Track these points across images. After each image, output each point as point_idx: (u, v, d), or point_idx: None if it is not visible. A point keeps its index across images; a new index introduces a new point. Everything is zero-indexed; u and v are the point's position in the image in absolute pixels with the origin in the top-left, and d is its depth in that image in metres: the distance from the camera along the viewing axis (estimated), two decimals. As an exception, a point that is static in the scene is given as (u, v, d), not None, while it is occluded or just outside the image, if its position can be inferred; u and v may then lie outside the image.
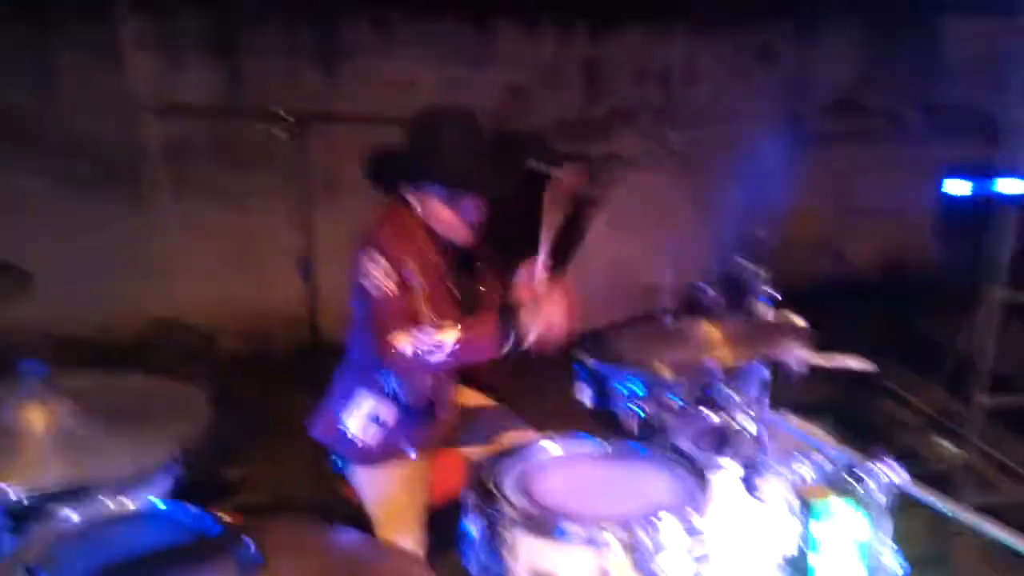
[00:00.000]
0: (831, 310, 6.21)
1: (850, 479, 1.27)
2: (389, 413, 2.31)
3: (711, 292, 1.73)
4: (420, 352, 2.09)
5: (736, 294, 2.40)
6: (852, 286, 7.00)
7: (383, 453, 2.31)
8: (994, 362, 3.49)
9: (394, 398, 2.30)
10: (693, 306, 1.73)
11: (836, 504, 1.29)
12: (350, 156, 2.46)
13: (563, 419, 2.96)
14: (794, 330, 2.06)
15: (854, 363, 2.23)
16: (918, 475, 3.76)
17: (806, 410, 2.35)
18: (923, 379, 4.25)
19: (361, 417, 2.31)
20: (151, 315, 5.21)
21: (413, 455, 2.32)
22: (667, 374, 1.89)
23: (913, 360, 4.80)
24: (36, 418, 1.29)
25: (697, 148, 6.42)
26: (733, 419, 1.69)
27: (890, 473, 1.27)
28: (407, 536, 2.18)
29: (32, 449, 1.25)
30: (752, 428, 1.67)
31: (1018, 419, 3.90)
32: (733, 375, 1.73)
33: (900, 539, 1.44)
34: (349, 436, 2.33)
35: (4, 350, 4.49)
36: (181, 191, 5.17)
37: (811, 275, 6.84)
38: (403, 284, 2.19)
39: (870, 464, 1.30)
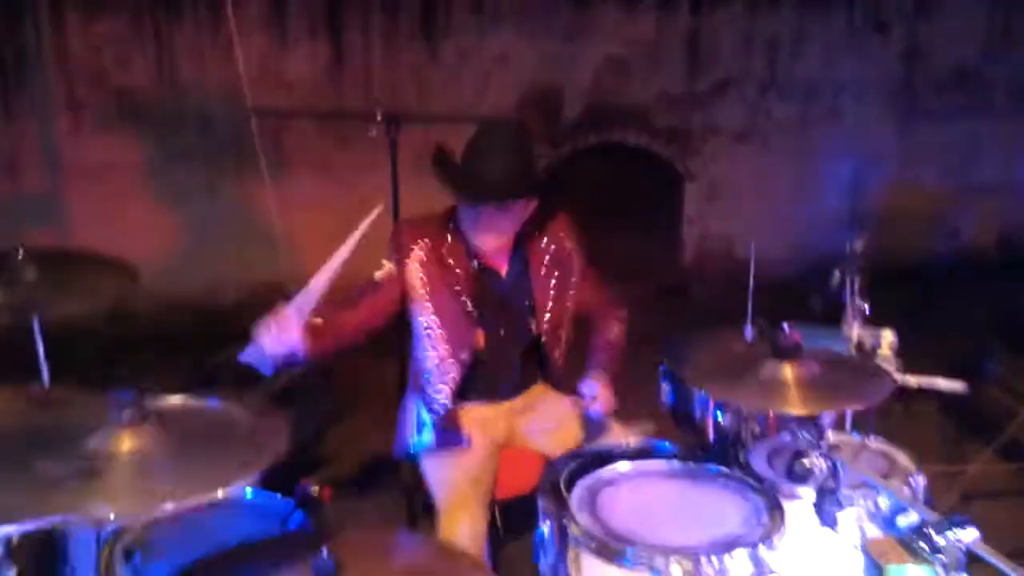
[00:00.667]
0: (941, 288, 6.05)
1: (922, 541, 1.23)
2: (433, 414, 2.42)
3: (794, 333, 1.68)
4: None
5: (832, 308, 2.36)
6: (964, 264, 6.71)
7: (441, 444, 2.41)
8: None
9: (434, 396, 2.41)
10: (776, 348, 1.70)
11: (911, 571, 1.25)
12: (443, 136, 2.51)
13: (644, 418, 2.96)
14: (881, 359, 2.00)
15: (945, 384, 2.15)
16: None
17: (909, 397, 2.29)
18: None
19: (415, 424, 2.44)
20: (254, 281, 5.42)
21: (466, 444, 2.39)
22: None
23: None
24: (126, 444, 1.38)
25: (803, 121, 6.23)
26: (808, 449, 1.66)
27: (963, 534, 1.23)
28: (467, 523, 2.24)
29: (122, 473, 1.35)
30: (825, 462, 1.64)
31: None
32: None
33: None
34: (408, 436, 2.47)
35: (119, 312, 4.80)
36: (285, 164, 5.35)
37: (922, 251, 6.60)
38: (397, 277, 2.30)
39: (944, 523, 1.26)
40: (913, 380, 2.14)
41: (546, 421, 2.50)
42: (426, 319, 2.33)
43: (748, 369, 1.75)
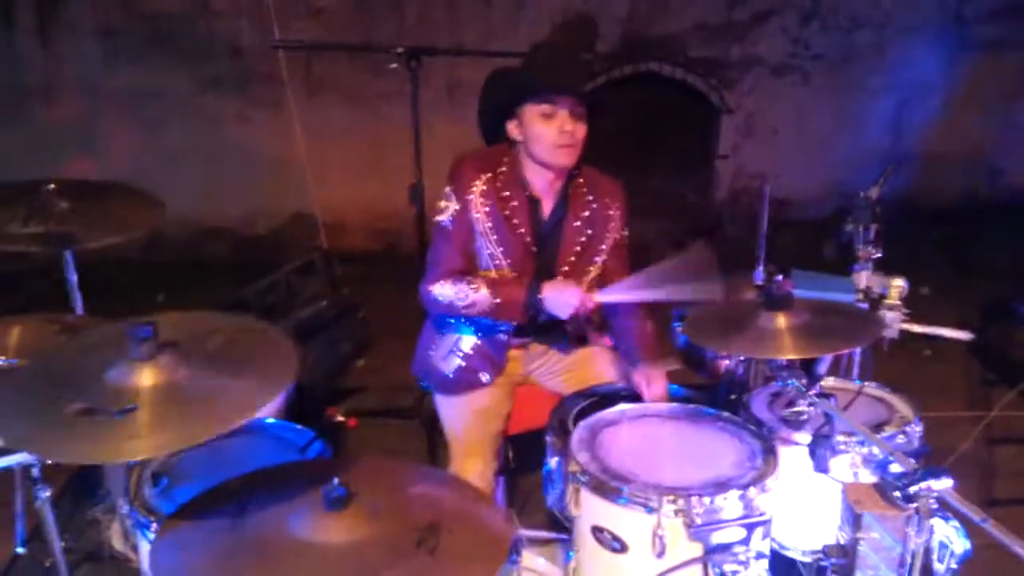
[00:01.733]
0: (981, 229, 5.94)
1: (896, 489, 1.28)
2: (467, 342, 2.45)
3: (786, 284, 1.71)
4: (454, 304, 2.31)
5: (846, 252, 2.36)
6: (1007, 205, 6.57)
7: (460, 382, 2.46)
8: None
9: (473, 326, 2.43)
10: (770, 299, 1.72)
11: (884, 518, 1.31)
12: (473, 69, 2.49)
13: (669, 356, 2.97)
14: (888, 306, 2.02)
15: (950, 332, 2.16)
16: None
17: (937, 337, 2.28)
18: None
19: (444, 349, 2.47)
20: (287, 210, 5.51)
21: (486, 379, 2.44)
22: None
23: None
24: (148, 377, 1.45)
25: (846, 54, 6.07)
26: (804, 396, 1.70)
27: (935, 484, 1.27)
28: (477, 462, 2.32)
29: (148, 407, 1.42)
30: (814, 409, 1.68)
31: None
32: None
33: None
34: (433, 367, 2.49)
35: (154, 241, 4.91)
36: (317, 93, 5.36)
37: (963, 192, 6.47)
38: (462, 213, 2.32)
39: (918, 473, 1.30)
40: (918, 328, 2.15)
41: (560, 365, 2.55)
42: (492, 250, 2.35)
43: (744, 319, 1.78)
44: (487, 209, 2.32)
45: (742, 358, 2.24)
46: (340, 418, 2.84)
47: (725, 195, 6.22)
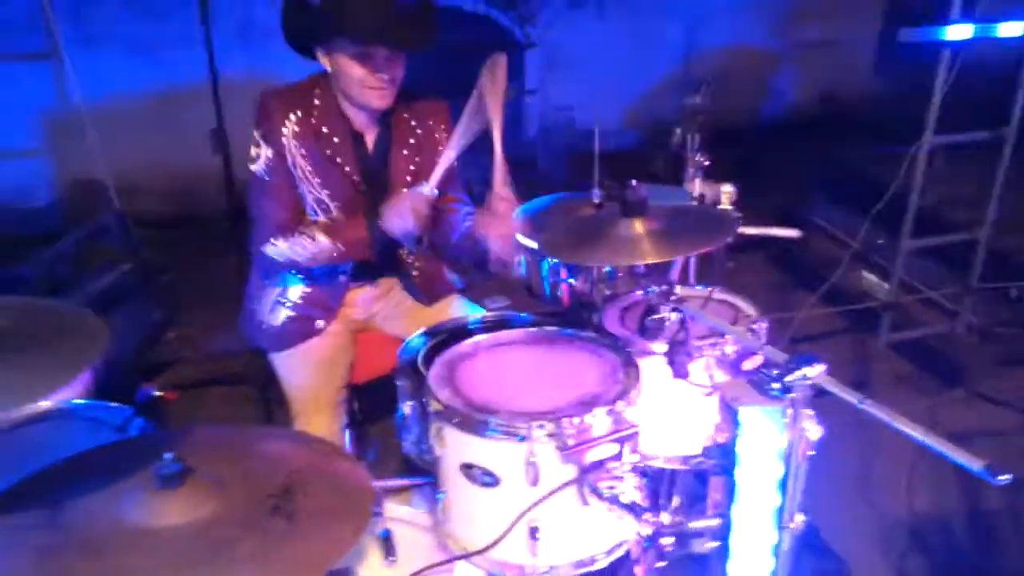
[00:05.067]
0: (768, 145, 6.29)
1: (773, 382, 1.28)
2: (295, 291, 2.29)
3: (639, 189, 1.67)
4: (293, 260, 2.15)
5: (674, 164, 2.38)
6: (790, 121, 7.02)
7: (292, 333, 2.30)
8: (920, 199, 3.63)
9: (301, 274, 2.28)
10: (623, 204, 1.68)
11: (764, 411, 1.30)
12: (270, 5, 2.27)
13: (499, 289, 2.93)
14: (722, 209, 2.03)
15: (780, 231, 2.23)
16: (845, 312, 3.90)
17: (739, 248, 2.36)
18: (854, 215, 4.32)
19: (269, 302, 2.30)
20: (68, 177, 5.01)
21: (320, 325, 2.30)
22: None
23: (844, 196, 4.89)
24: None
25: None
26: (659, 304, 1.68)
27: (809, 371, 1.27)
28: (323, 417, 2.20)
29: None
30: (675, 313, 1.67)
31: (941, 255, 4.06)
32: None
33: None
34: (261, 323, 2.32)
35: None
36: (90, 41, 4.85)
37: (749, 110, 6.82)
38: (277, 159, 2.11)
39: (791, 362, 1.30)
40: (751, 230, 2.21)
41: (402, 307, 2.43)
42: (317, 195, 2.16)
43: (598, 231, 1.73)
44: (303, 151, 2.11)
45: (585, 281, 2.21)
46: (157, 393, 2.58)
47: (536, 131, 6.25)
